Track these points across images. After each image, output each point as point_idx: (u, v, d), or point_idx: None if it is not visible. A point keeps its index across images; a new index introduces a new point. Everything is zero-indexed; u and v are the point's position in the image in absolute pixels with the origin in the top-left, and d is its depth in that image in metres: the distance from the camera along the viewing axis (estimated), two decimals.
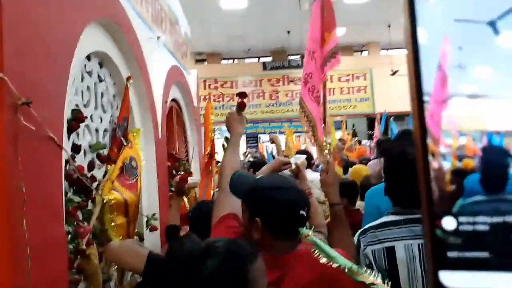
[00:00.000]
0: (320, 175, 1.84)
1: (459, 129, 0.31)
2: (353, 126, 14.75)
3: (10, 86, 1.20)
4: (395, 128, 8.31)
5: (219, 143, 4.01)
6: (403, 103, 12.69)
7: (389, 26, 12.41)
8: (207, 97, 13.99)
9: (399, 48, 14.80)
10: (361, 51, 15.43)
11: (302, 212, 1.29)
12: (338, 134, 11.96)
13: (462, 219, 0.32)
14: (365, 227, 1.53)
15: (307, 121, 2.54)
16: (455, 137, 0.31)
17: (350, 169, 4.32)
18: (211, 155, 3.96)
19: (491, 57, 0.31)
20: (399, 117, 12.13)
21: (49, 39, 1.46)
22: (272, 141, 3.94)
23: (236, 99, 1.90)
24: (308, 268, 1.24)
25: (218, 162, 4.36)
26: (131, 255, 1.60)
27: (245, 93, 1.87)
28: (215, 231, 1.43)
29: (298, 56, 14.47)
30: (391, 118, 9.86)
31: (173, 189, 3.22)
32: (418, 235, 1.38)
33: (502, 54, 0.30)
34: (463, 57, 0.32)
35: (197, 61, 15.21)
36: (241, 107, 1.82)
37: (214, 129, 4.23)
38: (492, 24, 0.31)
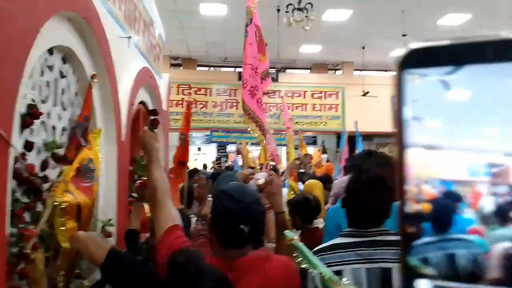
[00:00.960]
0: (264, 186, 1.99)
1: (417, 177, 0.34)
2: (323, 143, 14.94)
3: None
4: (361, 148, 8.44)
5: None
6: (372, 124, 13.03)
7: (363, 48, 12.72)
8: (179, 102, 13.92)
9: (372, 70, 15.20)
10: (335, 69, 15.72)
11: (241, 226, 1.38)
12: (310, 150, 12.10)
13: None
14: (315, 249, 1.47)
15: (260, 130, 2.65)
16: (413, 184, 0.35)
17: (304, 184, 4.29)
18: (183, 162, 3.90)
19: (443, 110, 0.34)
20: (368, 137, 12.40)
21: (5, 27, 1.37)
22: (238, 152, 3.98)
23: (215, 104, 1.96)
24: (258, 272, 1.39)
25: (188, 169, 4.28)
26: (95, 245, 1.64)
27: (156, 110, 2.01)
28: (165, 242, 1.44)
29: (274, 70, 14.58)
30: (360, 138, 10.06)
31: (134, 194, 3.11)
32: (366, 259, 1.36)
33: (453, 106, 0.33)
34: (417, 110, 0.35)
35: (173, 65, 15.05)
36: (154, 124, 2.02)
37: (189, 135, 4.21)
38: (443, 81, 0.33)
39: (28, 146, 1.74)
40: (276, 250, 1.85)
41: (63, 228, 1.92)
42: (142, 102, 3.52)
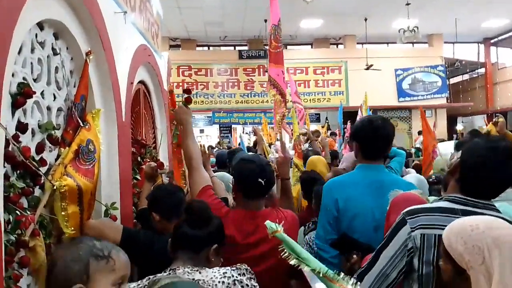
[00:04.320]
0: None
1: None
2: (326, 120, 14.77)
3: None
4: None
5: None
6: (376, 97, 12.81)
7: (366, 20, 12.41)
8: (180, 84, 13.75)
9: (375, 43, 14.88)
10: (337, 44, 15.41)
11: (260, 180, 1.79)
12: (313, 127, 11.94)
13: None
14: (414, 207, 1.39)
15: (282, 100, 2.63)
16: None
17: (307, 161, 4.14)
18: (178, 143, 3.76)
19: None
20: (373, 111, 12.18)
21: None
22: (254, 133, 3.97)
23: (212, 85, 2.06)
24: (276, 219, 1.58)
25: None
26: (109, 228, 2.01)
27: (190, 90, 2.31)
28: (201, 198, 1.88)
29: None
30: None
31: (138, 176, 3.02)
32: None
33: None
34: None
35: (172, 46, 14.81)
36: (188, 102, 2.22)
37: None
38: None
39: (22, 127, 1.63)
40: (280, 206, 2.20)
41: (64, 213, 1.83)
42: (142, 82, 3.39)
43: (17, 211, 1.52)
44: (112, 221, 2.23)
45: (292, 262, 1.01)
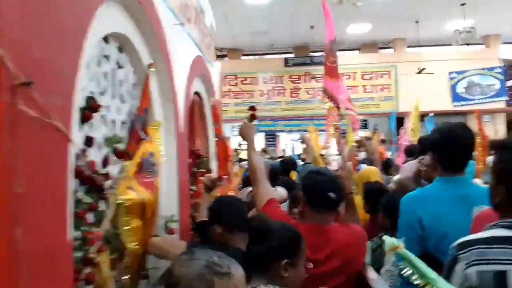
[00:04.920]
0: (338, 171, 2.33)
1: None
2: (375, 126, 14.31)
3: (8, 63, 0.97)
4: (430, 126, 7.90)
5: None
6: (429, 102, 12.26)
7: (417, 22, 11.93)
8: (226, 93, 13.89)
9: (427, 46, 14.28)
10: (386, 47, 14.94)
11: (329, 193, 1.75)
12: (361, 134, 11.60)
13: None
14: (467, 239, 1.20)
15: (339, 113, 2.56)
16: None
17: (359, 172, 3.93)
18: (225, 157, 3.67)
19: None
20: (424, 116, 11.66)
21: (59, 11, 1.24)
22: (302, 141, 3.81)
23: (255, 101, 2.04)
24: (346, 234, 1.77)
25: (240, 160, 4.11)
26: (171, 246, 2.01)
27: (254, 107, 2.32)
28: (267, 211, 1.88)
29: (321, 53, 14.12)
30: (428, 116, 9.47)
31: (194, 187, 3.00)
32: None
33: None
34: None
35: (218, 56, 15.03)
36: (252, 118, 2.24)
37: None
38: None
39: (89, 141, 1.63)
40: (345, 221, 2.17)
41: (128, 227, 1.81)
42: (196, 93, 3.39)
43: (84, 228, 1.50)
44: (175, 237, 2.22)
45: (417, 282, 0.90)
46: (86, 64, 1.59)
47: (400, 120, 11.62)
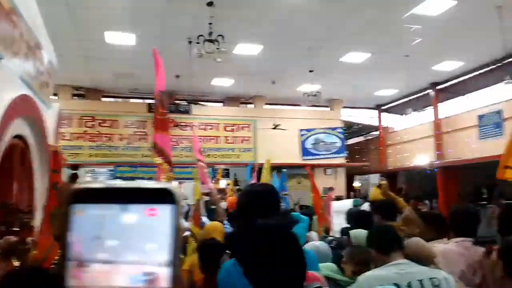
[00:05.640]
0: None
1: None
2: (235, 175, 14.78)
3: None
4: (277, 179, 8.39)
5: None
6: (282, 155, 13.26)
7: (273, 83, 13.06)
8: (81, 135, 12.86)
9: (282, 104, 15.67)
10: (248, 103, 15.91)
11: None
12: (222, 183, 11.80)
13: None
14: None
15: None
16: None
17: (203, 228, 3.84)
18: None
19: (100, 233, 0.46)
20: (277, 168, 12.51)
21: None
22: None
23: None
24: None
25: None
26: None
27: (77, 166, 1.91)
28: None
29: (186, 102, 14.28)
30: (283, 170, 10.09)
31: None
32: None
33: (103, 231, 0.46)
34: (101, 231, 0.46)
35: (75, 95, 13.97)
36: (74, 178, 1.91)
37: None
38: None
39: None
40: None
41: None
42: (19, 136, 2.96)
43: None
44: None
45: None
46: None
47: (259, 170, 12.25)
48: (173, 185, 0.47)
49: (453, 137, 13.25)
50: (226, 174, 15.42)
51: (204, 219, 3.93)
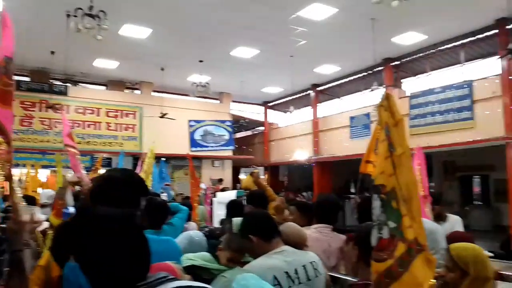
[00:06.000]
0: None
1: None
2: (117, 166, 13.99)
3: None
4: (165, 170, 8.13)
5: None
6: (169, 146, 12.95)
7: (163, 70, 12.65)
8: None
9: (171, 93, 15.28)
10: (134, 88, 15.14)
11: None
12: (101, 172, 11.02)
13: None
14: None
15: None
16: None
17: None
18: None
19: None
20: (163, 158, 12.17)
21: None
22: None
23: None
24: None
25: None
26: None
27: None
28: None
29: (62, 82, 12.96)
30: (162, 159, 9.71)
31: None
32: None
33: None
34: None
35: None
36: None
37: None
38: None
39: None
40: None
41: None
42: None
43: None
44: None
45: None
46: None
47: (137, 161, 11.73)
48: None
49: (329, 135, 14.45)
50: (107, 164, 14.48)
51: (72, 209, 3.57)
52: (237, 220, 2.69)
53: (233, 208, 3.75)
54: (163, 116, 13.02)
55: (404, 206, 1.46)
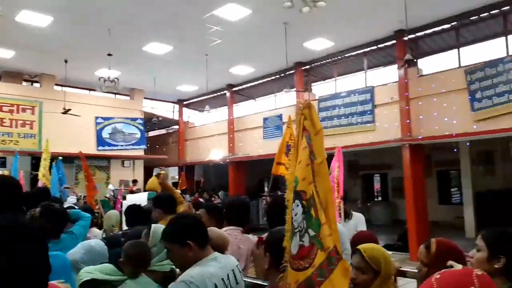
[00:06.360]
0: None
1: None
2: (13, 166, 12.60)
3: None
4: (56, 174, 7.41)
5: None
6: (75, 144, 11.98)
7: (66, 62, 11.68)
8: None
9: (76, 87, 14.19)
10: (33, 81, 13.78)
11: None
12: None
13: None
14: None
15: None
16: None
17: None
18: None
19: None
20: (68, 158, 11.26)
21: None
22: None
23: None
24: None
25: None
26: None
27: None
28: None
29: None
30: (59, 159, 8.89)
31: None
32: None
33: None
34: None
35: None
36: None
37: None
38: None
39: None
40: None
41: None
42: None
43: None
44: None
45: None
46: None
47: (39, 161, 10.68)
48: None
49: (243, 135, 14.60)
50: (2, 163, 13.02)
51: None
52: (155, 227, 2.42)
53: (133, 214, 3.54)
54: (66, 112, 12.01)
55: (323, 214, 1.45)
